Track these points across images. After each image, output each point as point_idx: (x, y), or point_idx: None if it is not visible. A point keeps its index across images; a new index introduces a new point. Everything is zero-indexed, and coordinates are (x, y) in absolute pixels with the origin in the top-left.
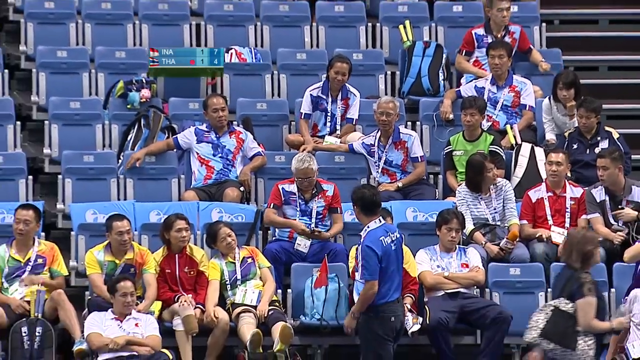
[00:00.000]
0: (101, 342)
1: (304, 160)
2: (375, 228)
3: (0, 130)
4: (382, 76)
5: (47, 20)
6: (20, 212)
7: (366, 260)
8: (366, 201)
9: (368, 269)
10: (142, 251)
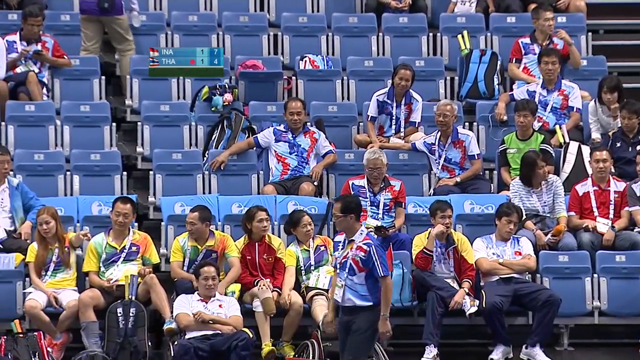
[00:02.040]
0: (188, 321)
1: (374, 152)
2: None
3: (97, 131)
4: (442, 81)
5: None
6: (119, 206)
7: (382, 258)
8: (357, 209)
9: (385, 266)
10: (223, 237)
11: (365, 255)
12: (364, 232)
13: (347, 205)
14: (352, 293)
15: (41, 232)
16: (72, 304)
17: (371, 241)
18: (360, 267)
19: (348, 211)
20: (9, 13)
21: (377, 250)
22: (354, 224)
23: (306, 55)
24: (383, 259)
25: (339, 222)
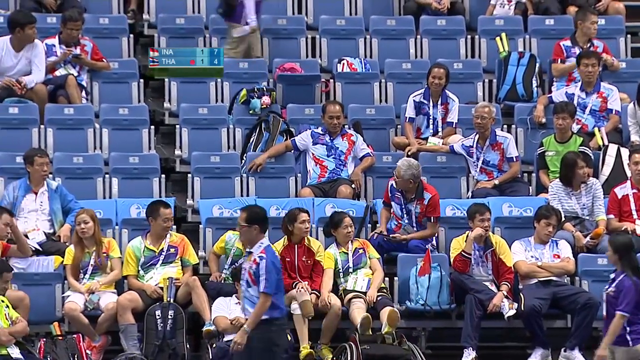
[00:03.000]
0: (227, 324)
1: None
2: (268, 245)
3: (136, 134)
4: (480, 84)
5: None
6: (165, 212)
7: (269, 274)
8: (263, 220)
9: (270, 283)
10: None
11: (256, 268)
12: (262, 244)
13: (253, 216)
14: (249, 305)
15: (78, 231)
16: (111, 306)
17: (265, 255)
18: (253, 280)
19: (254, 222)
20: (48, 16)
21: (267, 265)
22: (257, 235)
23: (344, 58)
24: (271, 275)
25: (243, 232)
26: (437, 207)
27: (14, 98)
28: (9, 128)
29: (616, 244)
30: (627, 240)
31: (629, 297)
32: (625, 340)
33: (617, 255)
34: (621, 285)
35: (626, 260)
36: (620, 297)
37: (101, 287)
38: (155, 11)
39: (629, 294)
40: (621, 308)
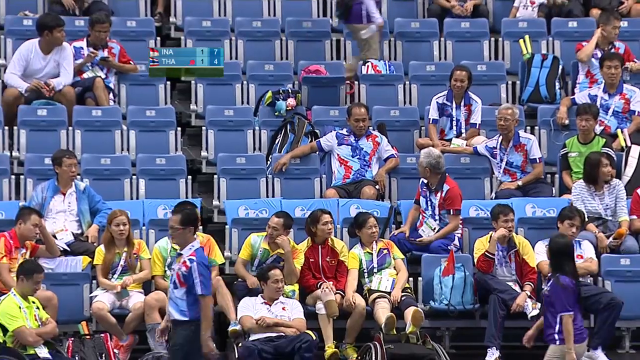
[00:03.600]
0: (252, 324)
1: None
2: (199, 247)
3: (162, 136)
4: (504, 85)
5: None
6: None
7: (203, 276)
8: (197, 220)
9: (205, 285)
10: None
11: (187, 271)
12: (193, 247)
13: (187, 218)
14: (173, 307)
15: (116, 233)
16: (139, 306)
17: (195, 257)
18: (181, 282)
19: (188, 223)
20: (76, 19)
21: (199, 267)
22: (190, 237)
23: (368, 60)
24: (205, 277)
25: (177, 234)
26: (456, 199)
27: (42, 100)
28: (37, 130)
29: (554, 246)
30: (564, 243)
31: (566, 297)
32: (554, 339)
33: (552, 257)
34: (555, 286)
35: (563, 263)
36: (557, 299)
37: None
38: (182, 14)
39: (565, 294)
40: (562, 309)
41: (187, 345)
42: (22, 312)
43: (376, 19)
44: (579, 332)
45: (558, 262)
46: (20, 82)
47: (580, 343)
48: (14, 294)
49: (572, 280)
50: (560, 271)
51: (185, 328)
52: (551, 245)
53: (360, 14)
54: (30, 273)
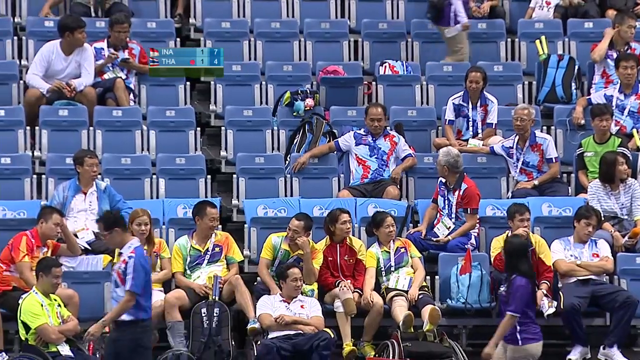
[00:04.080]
0: (271, 322)
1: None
2: (138, 245)
3: (182, 136)
4: (520, 86)
5: (223, 38)
6: (212, 211)
7: (136, 273)
8: (118, 220)
9: (136, 282)
10: (314, 249)
11: (125, 267)
12: (132, 245)
13: (108, 222)
14: (113, 300)
15: (137, 232)
16: (159, 304)
17: (134, 255)
18: (122, 280)
19: (111, 226)
20: (97, 20)
21: (135, 264)
22: (123, 237)
23: (386, 60)
24: (138, 274)
25: (108, 240)
26: (473, 198)
27: (63, 100)
28: (58, 130)
29: (509, 247)
30: (519, 243)
31: (517, 298)
32: (516, 339)
33: (508, 257)
34: (512, 286)
35: (518, 263)
36: (511, 298)
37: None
38: (202, 15)
39: (517, 295)
40: (511, 309)
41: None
42: (44, 309)
43: (462, 19)
44: (535, 331)
45: (513, 263)
46: (42, 82)
47: (536, 343)
48: (35, 292)
49: (528, 280)
50: (515, 272)
51: (130, 328)
52: (506, 246)
53: (449, 15)
54: (48, 268)
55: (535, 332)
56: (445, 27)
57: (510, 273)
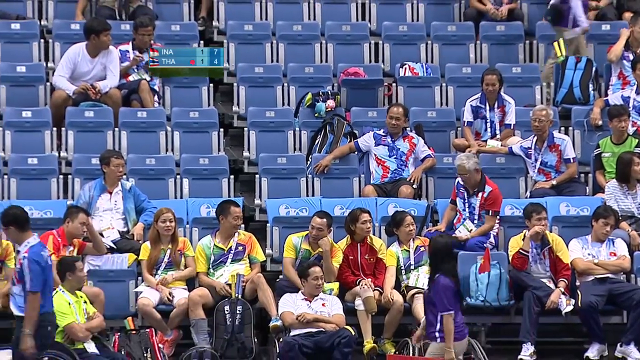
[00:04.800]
0: (293, 319)
1: (460, 159)
2: (35, 244)
3: (205, 137)
4: (538, 87)
5: (246, 41)
6: (235, 210)
7: (33, 273)
8: (20, 219)
9: (34, 282)
10: (334, 248)
11: (20, 267)
12: (28, 243)
13: (5, 218)
14: (13, 302)
15: (162, 229)
16: (183, 302)
17: (28, 255)
18: (17, 279)
19: (7, 223)
20: (122, 23)
21: (30, 265)
22: (19, 234)
23: (406, 62)
24: (35, 274)
25: (6, 234)
26: (497, 201)
27: (89, 102)
28: (84, 131)
29: (434, 246)
30: (445, 243)
31: (445, 296)
32: (435, 337)
33: (432, 257)
34: (437, 285)
35: (443, 262)
36: (437, 298)
37: (173, 282)
38: (225, 18)
39: (445, 294)
40: (443, 309)
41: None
42: (71, 307)
43: (582, 22)
44: (460, 329)
45: (438, 262)
46: (68, 84)
47: (461, 340)
48: (62, 291)
49: (452, 279)
50: (440, 271)
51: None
52: (431, 246)
53: (568, 17)
54: (72, 265)
55: (459, 331)
56: (565, 28)
57: (435, 272)
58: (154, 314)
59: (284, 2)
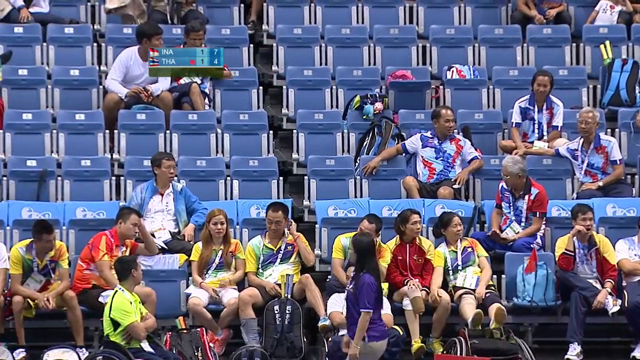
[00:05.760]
0: (341, 319)
1: (507, 160)
2: None
3: (255, 139)
4: (585, 89)
5: (295, 44)
6: (271, 214)
7: None
8: None
9: None
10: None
11: None
12: None
13: None
14: None
15: (213, 231)
16: (233, 302)
17: None
18: None
19: None
20: (173, 27)
21: None
22: None
23: (453, 65)
24: None
25: None
26: (544, 202)
27: (141, 105)
28: (136, 133)
29: (359, 245)
30: (367, 242)
31: (367, 294)
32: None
33: (357, 255)
34: (360, 283)
35: (365, 261)
36: (360, 295)
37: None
38: (274, 22)
39: (367, 292)
40: (363, 306)
41: None
42: (132, 306)
43: None
44: (380, 329)
45: (362, 261)
46: (121, 87)
47: (381, 341)
48: (122, 290)
49: (375, 278)
50: (364, 269)
51: None
52: (355, 245)
53: None
54: (134, 263)
55: (382, 331)
56: None
57: (359, 270)
58: (205, 313)
59: (333, 6)
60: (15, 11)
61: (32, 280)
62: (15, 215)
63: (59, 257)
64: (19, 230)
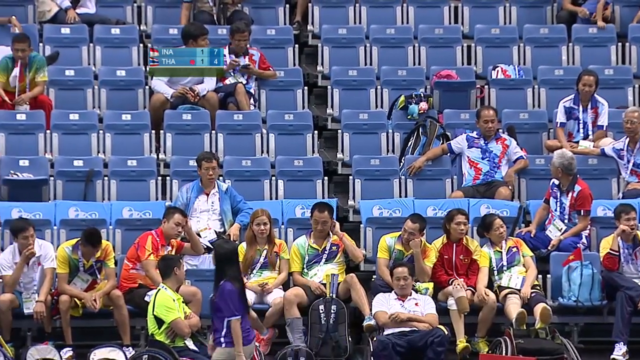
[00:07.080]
0: (386, 319)
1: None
2: None
3: (300, 139)
4: (631, 89)
5: (340, 44)
6: (317, 214)
7: None
8: None
9: None
10: (426, 248)
11: None
12: None
13: None
14: None
15: (257, 232)
16: (278, 301)
17: None
18: None
19: None
20: (219, 28)
21: None
22: None
23: (498, 65)
24: None
25: None
26: (587, 200)
27: (187, 105)
28: (182, 133)
29: (219, 252)
30: (229, 249)
31: (231, 301)
32: (220, 342)
33: (219, 263)
34: (222, 291)
35: (226, 268)
36: (224, 303)
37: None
38: (319, 22)
39: (230, 299)
40: (230, 314)
41: None
42: (175, 303)
43: None
44: (246, 334)
45: (223, 268)
46: (167, 88)
47: (247, 345)
48: (165, 288)
49: (236, 285)
50: (225, 277)
51: None
52: (215, 252)
53: None
54: (178, 261)
55: (245, 336)
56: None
57: (219, 278)
58: (250, 313)
59: (378, 6)
60: (62, 12)
61: (79, 279)
62: (62, 215)
63: (105, 257)
64: (66, 230)
